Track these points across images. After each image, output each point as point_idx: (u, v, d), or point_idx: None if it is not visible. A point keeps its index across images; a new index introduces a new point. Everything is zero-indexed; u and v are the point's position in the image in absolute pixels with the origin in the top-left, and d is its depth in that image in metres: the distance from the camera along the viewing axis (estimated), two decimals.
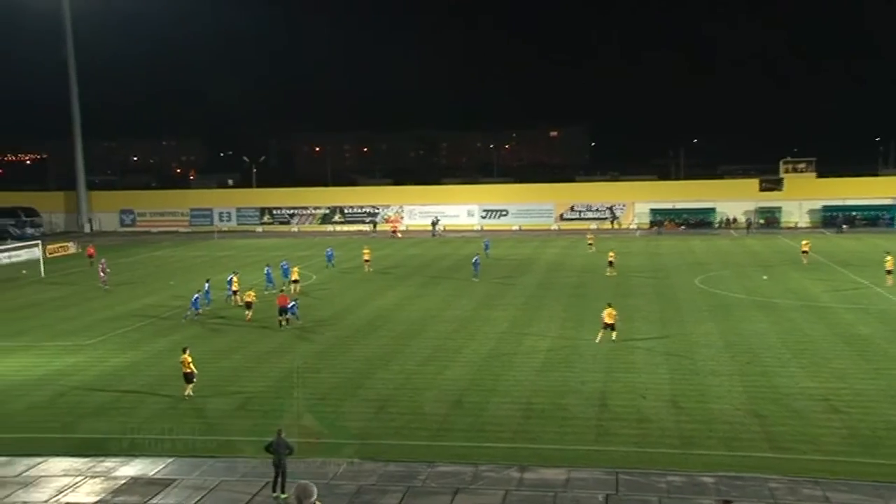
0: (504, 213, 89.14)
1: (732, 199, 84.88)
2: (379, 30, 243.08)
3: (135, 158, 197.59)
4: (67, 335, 35.01)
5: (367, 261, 54.10)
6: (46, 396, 25.73)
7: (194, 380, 25.06)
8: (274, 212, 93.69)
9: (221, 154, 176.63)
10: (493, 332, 33.80)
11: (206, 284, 39.74)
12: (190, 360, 25.02)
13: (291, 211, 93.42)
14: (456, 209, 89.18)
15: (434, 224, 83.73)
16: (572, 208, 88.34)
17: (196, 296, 38.32)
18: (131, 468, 19.65)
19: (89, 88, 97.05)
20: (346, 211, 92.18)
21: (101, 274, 48.58)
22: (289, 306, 35.57)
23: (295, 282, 44.90)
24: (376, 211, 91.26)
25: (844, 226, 76.75)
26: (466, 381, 26.34)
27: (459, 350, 30.67)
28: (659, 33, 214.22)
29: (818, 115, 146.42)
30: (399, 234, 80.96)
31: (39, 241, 61.81)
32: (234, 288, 41.32)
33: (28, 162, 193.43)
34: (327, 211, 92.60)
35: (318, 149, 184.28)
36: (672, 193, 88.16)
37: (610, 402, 23.85)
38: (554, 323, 35.42)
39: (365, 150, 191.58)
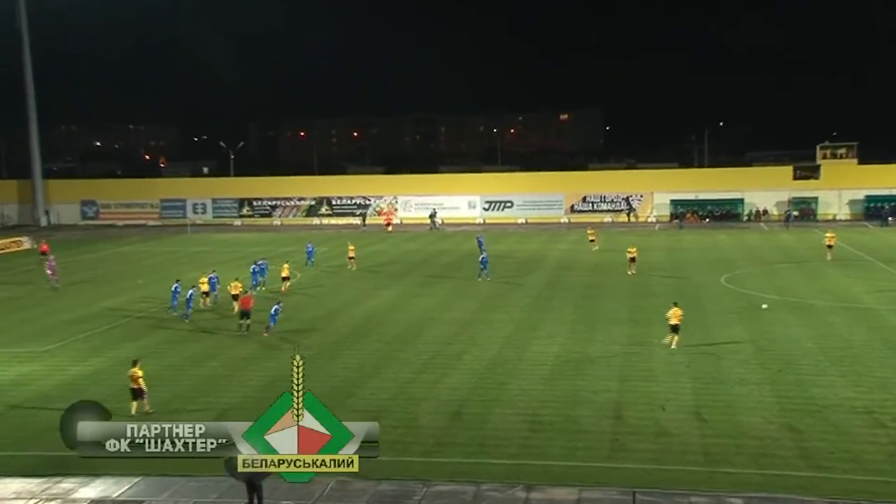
0: (508, 204, 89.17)
1: (763, 189, 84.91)
2: (375, 4, 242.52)
3: (98, 143, 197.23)
4: (21, 341, 34.89)
5: (351, 258, 54.04)
6: None
7: (145, 397, 24.43)
8: (254, 203, 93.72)
9: (195, 139, 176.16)
10: (496, 336, 33.78)
11: (176, 285, 39.76)
12: (140, 374, 24.41)
13: (273, 202, 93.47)
14: (455, 200, 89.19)
15: (432, 217, 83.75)
16: (584, 199, 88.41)
17: (191, 291, 38.61)
18: (92, 489, 19.56)
19: (45, 65, 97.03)
20: (333, 202, 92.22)
21: (49, 272, 48.43)
22: (272, 311, 35.35)
23: (285, 279, 45.13)
24: (367, 202, 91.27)
25: (890, 218, 76.73)
26: (467, 391, 26.33)
27: (459, 356, 30.65)
28: (681, 8, 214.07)
29: (860, 95, 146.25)
30: (391, 228, 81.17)
31: None
32: (203, 289, 41.34)
33: None
34: (313, 202, 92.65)
35: (303, 133, 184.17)
36: (695, 183, 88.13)
37: (626, 414, 23.83)
38: (563, 326, 35.42)
39: (355, 134, 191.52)
